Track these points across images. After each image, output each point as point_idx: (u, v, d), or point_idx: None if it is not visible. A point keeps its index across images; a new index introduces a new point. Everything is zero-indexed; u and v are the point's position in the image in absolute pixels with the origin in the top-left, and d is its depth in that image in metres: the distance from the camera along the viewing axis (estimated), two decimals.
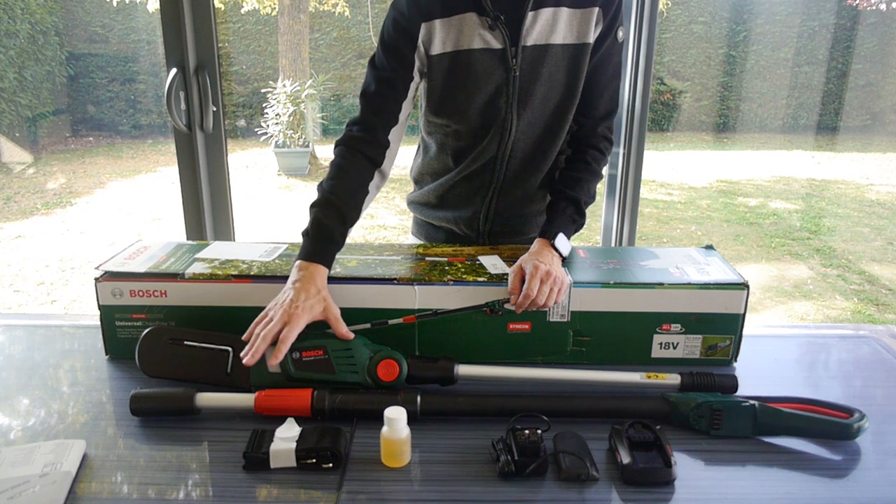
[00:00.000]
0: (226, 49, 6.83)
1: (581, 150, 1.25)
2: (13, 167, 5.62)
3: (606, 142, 1.26)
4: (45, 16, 5.70)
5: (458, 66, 1.17)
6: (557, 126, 1.24)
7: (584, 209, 1.21)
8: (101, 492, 0.81)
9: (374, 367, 0.97)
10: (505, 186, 1.29)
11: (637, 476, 0.82)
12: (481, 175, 1.28)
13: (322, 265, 1.05)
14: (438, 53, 1.16)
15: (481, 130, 1.23)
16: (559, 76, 1.19)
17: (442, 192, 1.35)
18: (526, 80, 1.18)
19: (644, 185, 2.10)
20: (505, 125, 1.21)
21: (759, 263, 4.44)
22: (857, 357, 1.21)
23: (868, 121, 6.76)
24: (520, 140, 1.23)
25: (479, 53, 1.15)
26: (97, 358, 1.15)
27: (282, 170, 6.10)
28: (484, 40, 1.15)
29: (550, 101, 1.21)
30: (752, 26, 6.83)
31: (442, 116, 1.25)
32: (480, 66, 1.16)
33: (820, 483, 0.84)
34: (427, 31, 1.15)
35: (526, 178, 1.29)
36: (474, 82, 1.17)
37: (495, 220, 1.34)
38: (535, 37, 1.15)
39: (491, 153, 1.25)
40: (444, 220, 1.38)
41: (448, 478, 0.84)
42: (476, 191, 1.30)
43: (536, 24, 1.15)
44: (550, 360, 1.12)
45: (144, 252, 1.19)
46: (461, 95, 1.19)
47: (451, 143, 1.28)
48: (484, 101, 1.19)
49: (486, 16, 1.13)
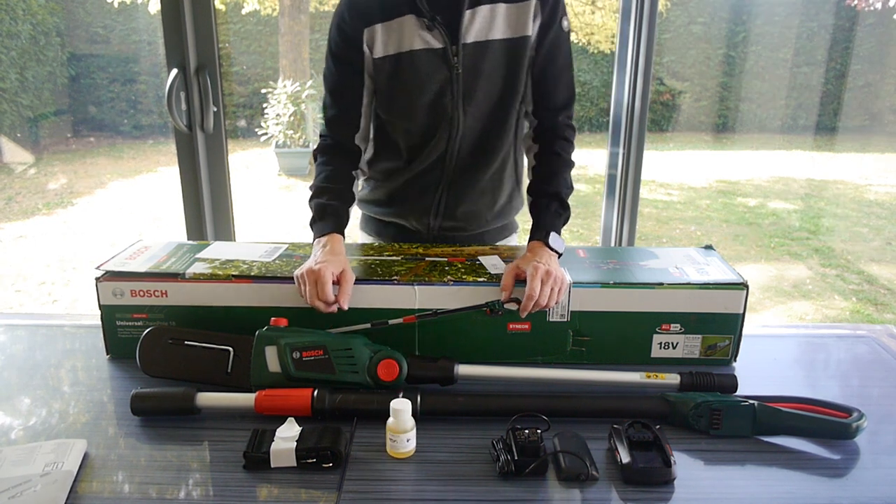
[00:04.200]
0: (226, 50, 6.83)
1: (548, 143, 1.26)
2: (15, 167, 5.62)
3: (570, 129, 1.28)
4: (47, 17, 5.70)
5: (402, 68, 1.19)
6: (502, 119, 1.26)
7: (566, 201, 1.22)
8: (102, 491, 0.82)
9: (374, 367, 0.97)
10: (455, 181, 1.31)
11: (637, 476, 0.83)
12: (431, 172, 1.30)
13: (336, 233, 1.15)
14: (381, 57, 1.19)
15: (430, 128, 1.25)
16: (500, 71, 1.21)
17: (392, 189, 1.36)
18: (469, 77, 1.20)
19: (644, 186, 2.10)
20: (452, 122, 1.23)
21: (759, 263, 4.44)
22: (856, 357, 1.21)
23: (867, 121, 6.76)
24: (467, 136, 1.25)
25: (421, 54, 1.18)
26: (98, 358, 1.15)
27: (282, 170, 6.10)
28: (424, 41, 1.17)
29: (494, 95, 1.23)
30: (751, 27, 6.83)
31: (391, 116, 1.27)
32: (423, 66, 1.18)
33: (819, 482, 0.84)
34: (370, 35, 1.18)
35: (475, 172, 1.31)
36: (419, 82, 1.20)
37: (445, 215, 1.35)
38: (475, 34, 1.17)
39: (440, 150, 1.26)
40: (395, 216, 1.40)
41: (448, 477, 0.84)
42: (427, 187, 1.32)
43: (475, 22, 1.17)
44: (550, 360, 1.12)
45: (145, 252, 1.20)
46: (407, 95, 1.22)
47: (401, 142, 1.29)
48: (430, 99, 1.21)
49: (423, 17, 1.16)
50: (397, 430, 0.87)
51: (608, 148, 2.11)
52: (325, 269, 1.03)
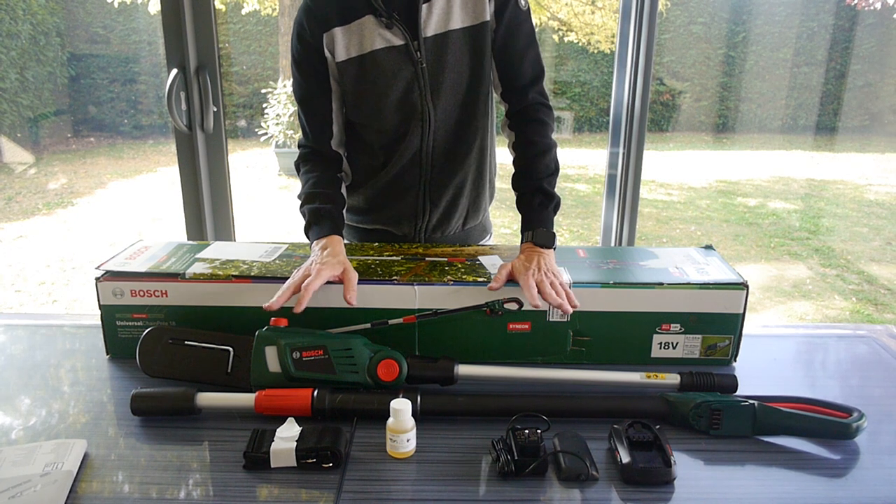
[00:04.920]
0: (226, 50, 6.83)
1: (523, 129, 1.25)
2: (15, 167, 5.62)
3: (545, 108, 1.26)
4: (47, 17, 5.70)
5: (366, 69, 1.19)
6: (472, 108, 1.26)
7: (549, 189, 1.20)
8: (102, 491, 0.82)
9: (374, 367, 0.97)
10: (434, 178, 1.30)
11: (637, 476, 0.83)
12: (409, 172, 1.29)
13: (335, 235, 1.15)
14: (344, 60, 1.19)
15: (401, 126, 1.25)
16: (465, 60, 1.21)
17: (371, 195, 1.35)
18: (434, 70, 1.20)
19: (643, 185, 2.10)
20: (423, 117, 1.23)
21: (759, 263, 4.44)
22: (856, 356, 1.21)
23: (867, 121, 6.76)
24: (440, 129, 1.25)
25: (384, 52, 1.18)
26: (98, 358, 1.15)
27: (282, 170, 6.10)
28: (385, 39, 1.17)
29: (461, 85, 1.23)
30: (751, 27, 6.83)
31: (361, 119, 1.27)
32: (387, 65, 1.19)
33: (819, 482, 0.84)
34: (329, 39, 1.19)
35: (452, 166, 1.31)
36: (384, 81, 1.20)
37: (432, 213, 1.35)
38: (434, 26, 1.18)
39: (414, 147, 1.26)
40: (380, 223, 1.39)
41: (448, 477, 0.84)
42: (407, 188, 1.32)
43: (433, 15, 1.17)
44: (550, 360, 1.12)
45: (145, 252, 1.20)
46: (374, 96, 1.22)
47: (375, 144, 1.29)
48: (398, 97, 1.21)
49: (381, 16, 1.16)
50: (397, 430, 0.87)
51: (608, 148, 2.11)
52: (322, 270, 1.04)
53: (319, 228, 1.16)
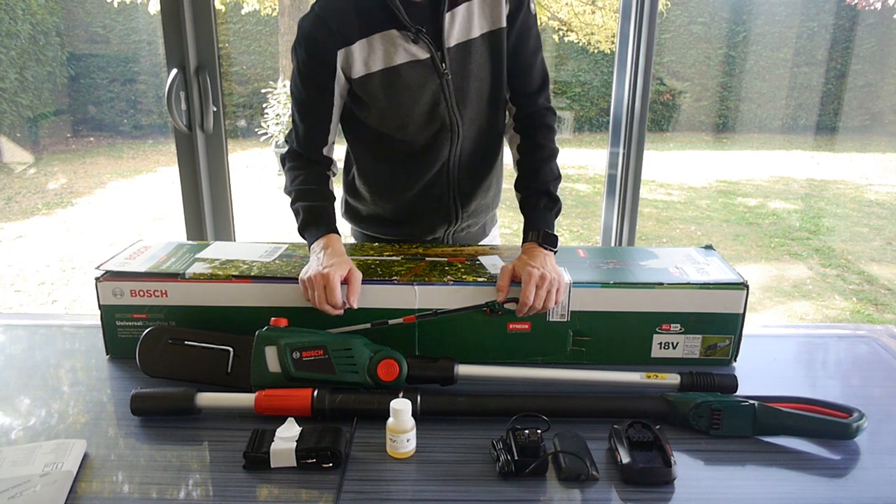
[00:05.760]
0: (226, 49, 6.83)
1: (531, 133, 1.25)
2: (14, 167, 5.62)
3: (551, 113, 1.27)
4: (47, 16, 5.70)
5: (389, 83, 1.16)
6: (495, 113, 1.26)
7: (554, 193, 1.20)
8: (102, 491, 0.82)
9: (374, 367, 0.97)
10: (462, 184, 1.30)
11: (637, 476, 0.83)
12: (437, 182, 1.28)
13: (332, 234, 1.14)
14: (364, 75, 1.15)
15: (430, 138, 1.23)
16: (486, 66, 1.20)
17: (399, 207, 1.33)
18: (458, 80, 1.19)
19: (644, 185, 2.10)
20: (452, 128, 1.22)
21: (759, 263, 4.44)
22: (856, 357, 1.21)
23: (867, 121, 6.76)
24: (467, 139, 1.25)
25: (408, 67, 1.15)
26: (98, 358, 1.15)
27: (282, 170, 6.10)
28: (409, 53, 1.14)
29: (484, 92, 1.22)
30: (751, 27, 6.83)
31: (387, 132, 1.23)
32: (412, 79, 1.16)
33: (819, 482, 0.84)
34: (345, 56, 1.14)
35: (477, 173, 1.31)
36: (409, 94, 1.17)
37: (462, 218, 1.34)
38: (457, 36, 1.16)
39: (443, 158, 1.25)
40: (412, 234, 1.36)
41: (448, 477, 0.84)
42: (438, 198, 1.30)
43: (455, 24, 1.16)
44: (550, 360, 1.12)
45: (145, 252, 1.20)
46: (400, 110, 1.19)
47: (400, 157, 1.26)
48: (425, 110, 1.19)
49: (407, 30, 1.13)
50: (397, 430, 0.87)
51: (608, 148, 2.11)
52: (333, 273, 1.03)
53: (317, 228, 1.15)
